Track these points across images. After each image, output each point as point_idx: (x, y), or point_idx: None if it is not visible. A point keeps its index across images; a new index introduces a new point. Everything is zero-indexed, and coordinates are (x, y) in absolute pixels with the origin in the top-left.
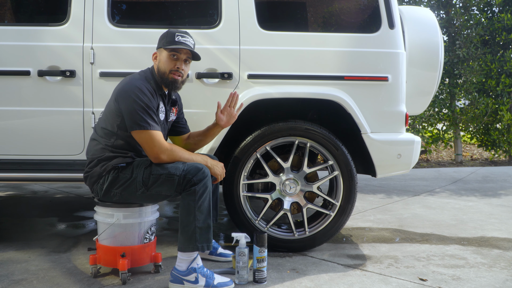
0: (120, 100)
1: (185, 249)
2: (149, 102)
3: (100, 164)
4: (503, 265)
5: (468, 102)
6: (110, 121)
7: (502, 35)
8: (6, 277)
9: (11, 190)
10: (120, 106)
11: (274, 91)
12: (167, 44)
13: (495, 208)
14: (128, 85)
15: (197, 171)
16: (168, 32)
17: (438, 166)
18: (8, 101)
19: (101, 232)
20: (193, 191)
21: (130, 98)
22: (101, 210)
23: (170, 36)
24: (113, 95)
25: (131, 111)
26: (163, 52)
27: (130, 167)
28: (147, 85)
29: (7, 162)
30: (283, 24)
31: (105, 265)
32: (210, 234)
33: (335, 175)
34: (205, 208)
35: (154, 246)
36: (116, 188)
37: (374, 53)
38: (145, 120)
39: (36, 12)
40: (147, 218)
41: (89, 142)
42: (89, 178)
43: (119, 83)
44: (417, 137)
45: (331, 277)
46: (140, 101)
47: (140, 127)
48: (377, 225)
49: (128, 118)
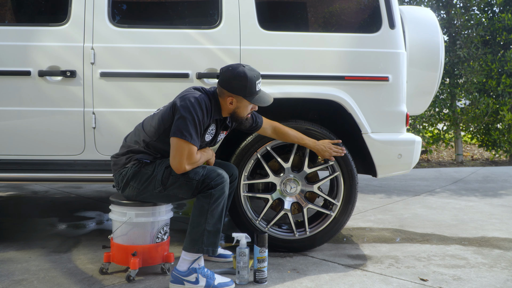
0: (177, 106)
1: (190, 249)
2: (202, 118)
3: (128, 155)
4: (503, 265)
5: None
6: (160, 123)
7: (502, 35)
8: (6, 277)
9: (11, 190)
10: (175, 111)
11: (275, 91)
12: (250, 96)
13: (495, 208)
14: (191, 96)
15: (216, 175)
16: (248, 81)
17: (439, 166)
18: (9, 101)
19: (115, 230)
20: (209, 194)
21: (187, 107)
22: (116, 208)
23: (252, 86)
24: (173, 100)
25: (181, 118)
26: (245, 102)
27: (153, 164)
28: (208, 102)
29: (7, 162)
30: (284, 24)
31: (118, 263)
32: (217, 239)
33: (336, 175)
34: (218, 213)
35: (167, 245)
36: (136, 183)
37: (375, 53)
38: (189, 132)
39: (36, 12)
40: (160, 218)
41: (133, 130)
42: (113, 164)
43: (182, 91)
44: (417, 137)
45: (331, 277)
46: (194, 113)
47: (182, 136)
48: (378, 225)
49: (176, 124)
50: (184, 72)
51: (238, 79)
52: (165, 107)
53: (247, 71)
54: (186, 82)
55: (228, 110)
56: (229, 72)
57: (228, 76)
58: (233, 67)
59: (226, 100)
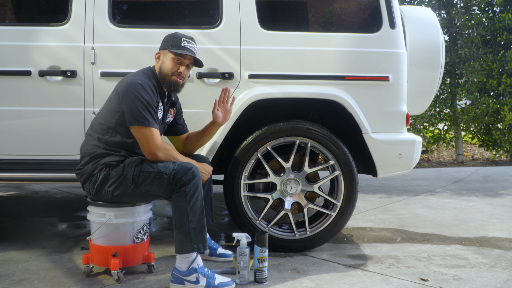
0: (122, 96)
1: (182, 250)
2: (150, 99)
3: (92, 162)
4: (504, 265)
5: (469, 102)
6: (109, 117)
7: (503, 35)
8: (7, 277)
9: (12, 190)
10: (122, 101)
11: (275, 91)
12: (173, 48)
13: (496, 208)
14: (131, 82)
15: (186, 170)
16: (174, 35)
17: (439, 166)
18: (9, 101)
19: (94, 232)
20: (183, 192)
21: (132, 94)
22: (94, 209)
23: (177, 40)
24: (115, 91)
25: (132, 107)
26: (168, 54)
27: (122, 165)
28: (149, 82)
29: (8, 162)
30: (284, 24)
31: (97, 264)
32: (205, 234)
33: (336, 175)
34: (198, 208)
35: (147, 246)
36: (108, 186)
37: (375, 53)
38: (144, 117)
39: (37, 12)
40: (139, 218)
41: (85, 138)
42: (80, 175)
43: (121, 80)
44: (418, 137)
45: (332, 277)
46: (141, 98)
47: (139, 123)
48: (378, 225)
49: (129, 113)
50: None
51: (167, 37)
52: (109, 101)
53: (178, 32)
54: (186, 82)
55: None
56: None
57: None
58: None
59: (156, 59)
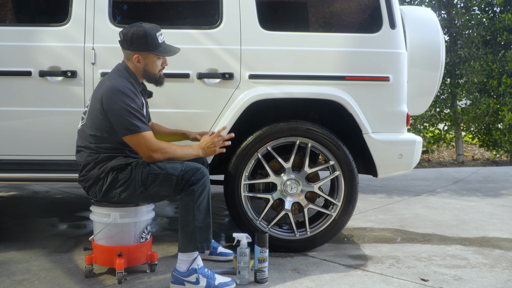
0: (106, 107)
1: (185, 249)
2: (134, 104)
3: (98, 166)
4: (504, 265)
5: (469, 102)
6: (99, 127)
7: (503, 35)
8: (7, 277)
9: (12, 191)
10: (107, 112)
11: (275, 91)
12: (154, 49)
13: (496, 208)
14: (111, 90)
15: (195, 170)
16: (147, 34)
17: (440, 166)
18: (9, 101)
19: (98, 232)
20: (191, 191)
21: (117, 105)
22: (97, 210)
23: (153, 39)
24: (96, 100)
25: (120, 118)
26: (151, 57)
27: (129, 168)
28: (129, 85)
29: (8, 162)
30: (284, 24)
31: (101, 264)
32: (209, 234)
33: (336, 175)
34: (204, 208)
35: (150, 245)
36: (116, 189)
37: (375, 53)
38: (134, 124)
39: (37, 12)
40: (143, 218)
41: (78, 152)
42: (86, 181)
43: (100, 87)
44: (418, 137)
45: (332, 277)
46: (127, 106)
47: (131, 132)
48: (378, 225)
49: (118, 125)
50: (185, 72)
51: (137, 35)
52: (93, 111)
53: (144, 25)
54: (186, 82)
55: (139, 71)
56: (128, 31)
57: (127, 36)
58: (131, 25)
59: (133, 61)
